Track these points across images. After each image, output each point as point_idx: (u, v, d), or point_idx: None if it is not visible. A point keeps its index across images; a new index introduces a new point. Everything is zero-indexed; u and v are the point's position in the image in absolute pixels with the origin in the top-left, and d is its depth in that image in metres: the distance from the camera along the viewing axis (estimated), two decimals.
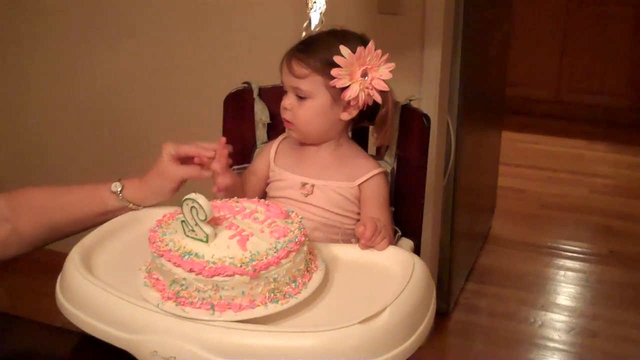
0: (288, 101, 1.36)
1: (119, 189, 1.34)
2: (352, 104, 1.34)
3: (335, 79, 1.29)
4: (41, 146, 2.80)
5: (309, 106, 1.34)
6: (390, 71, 1.32)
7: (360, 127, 1.46)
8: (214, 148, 1.32)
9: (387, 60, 1.32)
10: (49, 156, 2.80)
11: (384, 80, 1.32)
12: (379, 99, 1.33)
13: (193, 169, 1.34)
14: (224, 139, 1.33)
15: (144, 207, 1.36)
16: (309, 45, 1.35)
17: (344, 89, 1.30)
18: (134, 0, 2.43)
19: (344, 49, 1.28)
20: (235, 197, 1.25)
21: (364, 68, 1.30)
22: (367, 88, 1.31)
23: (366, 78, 1.31)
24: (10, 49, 2.67)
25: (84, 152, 2.72)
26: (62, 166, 2.76)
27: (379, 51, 1.30)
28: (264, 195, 1.44)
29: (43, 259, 2.63)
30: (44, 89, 2.69)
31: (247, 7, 2.30)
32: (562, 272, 2.96)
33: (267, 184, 1.44)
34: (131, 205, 1.35)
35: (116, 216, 1.35)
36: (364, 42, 1.34)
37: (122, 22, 2.48)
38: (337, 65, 1.28)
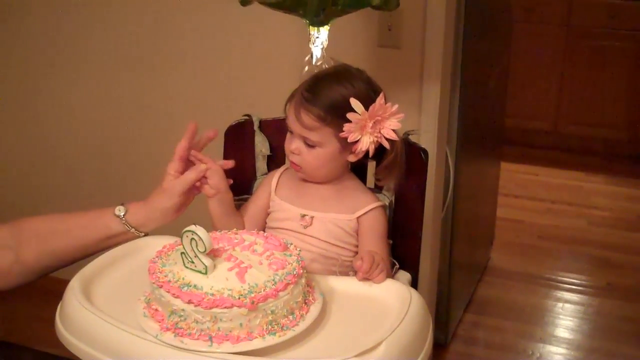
0: (295, 146, 1.36)
1: (123, 213, 1.35)
2: (361, 151, 1.35)
3: (346, 132, 1.31)
4: (44, 173, 2.81)
5: (317, 154, 1.35)
6: (399, 121, 1.33)
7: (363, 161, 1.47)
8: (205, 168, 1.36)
9: (396, 111, 1.33)
10: (51, 183, 2.81)
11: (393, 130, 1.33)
12: (387, 145, 1.34)
13: (190, 172, 1.35)
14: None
15: (146, 233, 1.36)
16: (316, 94, 1.33)
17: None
18: (137, 30, 2.46)
19: (356, 104, 1.29)
20: (235, 229, 1.26)
21: (374, 120, 1.31)
22: (376, 137, 1.33)
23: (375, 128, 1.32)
24: (14, 72, 2.70)
25: (85, 183, 2.73)
26: (63, 195, 2.77)
27: (389, 104, 1.31)
28: (264, 224, 1.45)
29: (42, 285, 2.63)
30: (48, 113, 2.71)
31: (249, 40, 2.33)
32: (560, 304, 2.96)
33: (268, 214, 1.45)
34: (133, 230, 1.35)
35: (120, 241, 1.35)
36: (369, 83, 1.36)
37: (124, 51, 2.50)
38: (347, 118, 1.29)
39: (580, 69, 4.23)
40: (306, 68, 1.54)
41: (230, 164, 1.41)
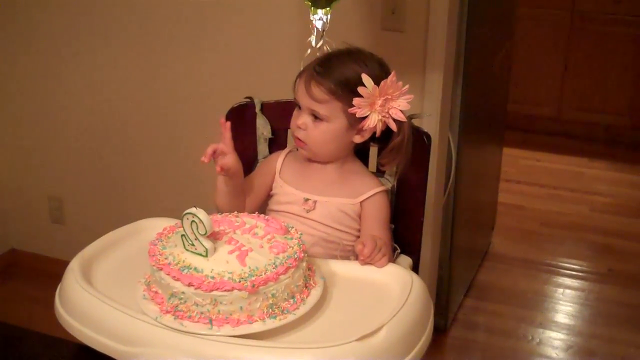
0: (302, 120, 1.35)
1: None
2: (368, 130, 1.34)
3: (355, 107, 1.30)
4: (47, 152, 2.80)
5: (324, 129, 1.35)
6: (408, 102, 1.32)
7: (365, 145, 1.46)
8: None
9: (406, 91, 1.32)
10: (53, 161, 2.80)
11: (401, 111, 1.32)
12: (394, 127, 1.33)
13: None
14: (228, 124, 1.34)
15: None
16: (328, 68, 1.33)
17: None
18: (137, 14, 2.44)
19: (366, 79, 1.28)
20: (235, 212, 1.26)
21: (384, 98, 1.30)
22: (384, 116, 1.32)
23: (384, 107, 1.31)
24: (19, 60, 2.68)
25: (84, 160, 2.72)
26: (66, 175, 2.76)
27: (400, 83, 1.31)
28: (265, 203, 1.45)
29: (40, 267, 2.64)
30: (47, 96, 2.70)
31: (250, 23, 2.31)
32: (560, 290, 2.96)
33: (270, 196, 1.45)
34: None
35: None
36: (381, 65, 1.35)
37: (124, 34, 2.48)
38: (358, 93, 1.28)
39: (584, 55, 4.21)
40: (308, 51, 1.53)
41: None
